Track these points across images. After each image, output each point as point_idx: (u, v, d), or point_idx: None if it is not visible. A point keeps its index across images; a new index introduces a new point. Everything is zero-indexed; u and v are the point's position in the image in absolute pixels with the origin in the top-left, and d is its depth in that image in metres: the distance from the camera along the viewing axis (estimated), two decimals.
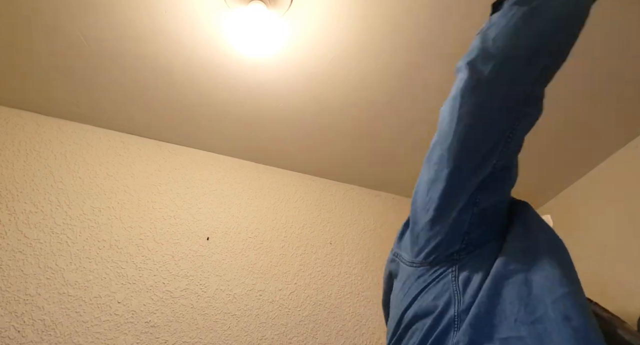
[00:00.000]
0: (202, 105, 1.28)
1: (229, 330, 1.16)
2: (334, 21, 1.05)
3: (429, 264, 0.64)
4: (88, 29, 1.07)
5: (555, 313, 0.51)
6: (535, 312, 0.52)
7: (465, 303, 0.56)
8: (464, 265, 0.61)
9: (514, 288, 0.55)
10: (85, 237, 1.15)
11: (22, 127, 1.25)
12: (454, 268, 0.61)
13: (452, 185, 0.61)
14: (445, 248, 0.63)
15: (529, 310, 0.53)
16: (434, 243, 0.63)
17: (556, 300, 0.52)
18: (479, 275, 0.59)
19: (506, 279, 0.56)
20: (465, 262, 0.62)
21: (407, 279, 0.67)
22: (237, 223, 1.36)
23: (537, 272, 0.56)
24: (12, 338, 0.97)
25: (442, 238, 0.63)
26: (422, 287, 0.63)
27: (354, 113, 1.31)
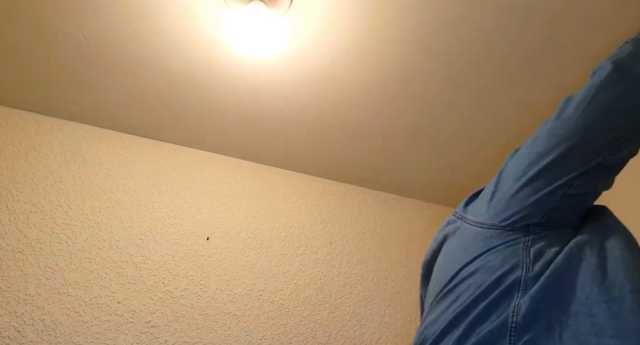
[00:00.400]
0: (202, 105, 1.28)
1: (229, 330, 1.16)
2: (334, 21, 1.05)
3: (502, 228, 0.64)
4: (88, 29, 1.07)
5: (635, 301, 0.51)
6: (611, 293, 0.53)
7: (534, 271, 0.57)
8: (537, 239, 0.62)
9: (587, 269, 0.56)
10: (85, 237, 1.15)
11: (22, 127, 1.25)
12: (527, 239, 0.62)
13: (557, 166, 0.62)
14: (525, 216, 0.63)
15: (603, 290, 0.53)
16: (516, 208, 0.64)
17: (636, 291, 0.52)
18: (550, 253, 0.59)
19: (581, 260, 0.57)
20: (539, 237, 0.62)
21: (472, 239, 0.66)
22: (237, 223, 1.36)
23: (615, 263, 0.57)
24: (12, 338, 0.97)
25: (525, 205, 0.63)
26: (488, 247, 0.63)
27: (354, 113, 1.31)
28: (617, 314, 0.51)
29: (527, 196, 0.63)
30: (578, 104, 0.63)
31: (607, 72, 0.61)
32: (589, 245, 0.60)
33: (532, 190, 0.63)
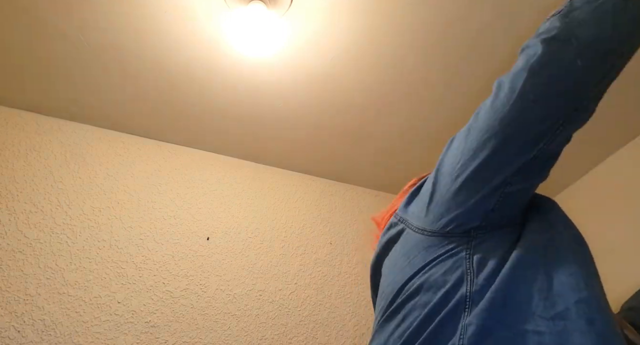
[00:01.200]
0: (202, 105, 1.28)
1: (229, 330, 1.16)
2: (334, 21, 1.05)
3: (443, 235, 0.61)
4: (88, 30, 1.07)
5: (579, 315, 0.49)
6: (556, 308, 0.51)
7: (479, 285, 0.54)
8: (479, 245, 0.59)
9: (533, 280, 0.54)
10: (85, 237, 1.15)
11: (22, 127, 1.25)
12: (469, 245, 0.59)
13: (493, 161, 0.58)
14: (465, 221, 0.60)
15: (548, 304, 0.51)
16: (455, 213, 0.61)
17: (580, 301, 0.51)
18: (494, 259, 0.57)
19: (526, 269, 0.54)
20: (481, 241, 0.59)
21: (414, 246, 0.63)
22: (237, 223, 1.36)
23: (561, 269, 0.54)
24: (12, 338, 0.97)
25: (464, 210, 0.60)
26: (431, 258, 0.60)
27: (354, 113, 1.31)
28: (561, 333, 0.49)
29: (465, 200, 0.60)
30: (509, 92, 0.57)
31: (538, 55, 0.56)
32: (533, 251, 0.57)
33: (469, 192, 0.60)
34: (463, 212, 0.60)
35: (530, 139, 0.58)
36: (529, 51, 0.58)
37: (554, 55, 0.56)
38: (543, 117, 0.57)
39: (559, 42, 0.56)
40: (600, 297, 0.52)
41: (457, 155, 0.61)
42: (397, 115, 1.31)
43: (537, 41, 0.57)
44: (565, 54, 0.55)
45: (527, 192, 0.63)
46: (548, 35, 0.57)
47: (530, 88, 0.56)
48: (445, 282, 0.56)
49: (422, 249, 0.62)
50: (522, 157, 0.59)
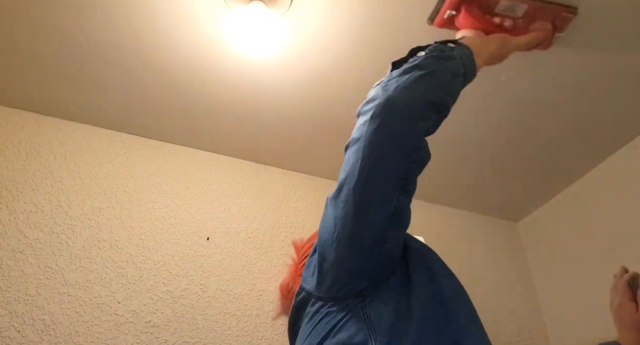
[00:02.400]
0: (202, 105, 1.29)
1: (229, 330, 1.16)
2: (334, 21, 1.05)
3: (338, 299, 0.65)
4: (89, 29, 1.07)
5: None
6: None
7: (384, 340, 0.57)
8: (372, 301, 0.62)
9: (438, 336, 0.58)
10: (86, 237, 1.15)
11: (23, 127, 1.25)
12: (364, 304, 0.63)
13: (360, 224, 0.62)
14: (355, 284, 0.64)
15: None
16: (343, 280, 0.64)
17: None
18: (389, 312, 0.60)
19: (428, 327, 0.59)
20: (373, 297, 0.63)
21: (316, 313, 0.67)
22: (237, 223, 1.36)
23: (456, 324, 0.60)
24: (12, 338, 0.97)
25: (350, 275, 0.64)
26: (332, 324, 0.63)
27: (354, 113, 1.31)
28: None
29: (350, 264, 0.64)
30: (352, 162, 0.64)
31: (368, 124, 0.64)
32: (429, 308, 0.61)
33: (351, 257, 0.63)
34: (351, 276, 0.64)
35: (383, 199, 0.63)
36: (361, 119, 0.68)
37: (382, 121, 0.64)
38: (387, 178, 0.63)
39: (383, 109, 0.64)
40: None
41: (331, 224, 0.66)
42: None
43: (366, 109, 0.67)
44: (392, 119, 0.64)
45: (400, 241, 0.69)
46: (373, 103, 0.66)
47: (368, 155, 0.62)
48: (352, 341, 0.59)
49: (323, 315, 0.65)
50: (384, 214, 0.63)
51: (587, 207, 1.51)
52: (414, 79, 0.67)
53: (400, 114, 0.64)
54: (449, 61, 0.74)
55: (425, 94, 0.67)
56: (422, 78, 0.68)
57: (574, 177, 1.55)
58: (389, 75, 0.71)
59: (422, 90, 0.67)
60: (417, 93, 0.66)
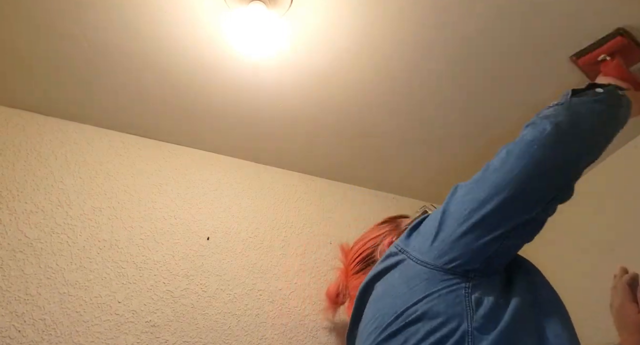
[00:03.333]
0: (202, 105, 1.29)
1: (229, 330, 1.16)
2: (335, 21, 1.06)
3: (444, 270, 0.67)
4: (89, 29, 1.07)
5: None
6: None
7: (478, 322, 0.61)
8: (476, 285, 0.65)
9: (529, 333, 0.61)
10: (86, 237, 1.15)
11: (23, 128, 1.25)
12: (467, 285, 0.66)
13: (497, 214, 0.66)
14: (466, 262, 0.67)
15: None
16: (456, 254, 0.67)
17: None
18: (488, 301, 0.63)
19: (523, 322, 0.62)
20: (478, 282, 0.66)
21: (415, 276, 0.69)
22: (237, 223, 1.36)
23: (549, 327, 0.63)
24: (13, 338, 0.97)
25: (465, 253, 0.67)
26: (432, 289, 0.66)
27: (354, 113, 1.31)
28: None
29: (469, 243, 0.66)
30: (517, 159, 0.67)
31: (547, 133, 0.67)
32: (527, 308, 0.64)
33: (474, 237, 0.66)
34: (466, 253, 0.67)
35: (533, 203, 0.67)
36: (538, 127, 0.68)
37: (561, 136, 0.67)
38: (543, 187, 0.67)
39: (566, 127, 0.68)
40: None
41: (465, 203, 0.69)
42: (397, 115, 1.32)
43: (546, 121, 0.68)
44: (570, 138, 0.68)
45: (518, 247, 0.72)
46: (556, 119, 0.68)
47: (538, 159, 0.66)
48: (447, 314, 0.62)
49: (424, 279, 0.68)
50: (523, 216, 0.67)
51: (587, 207, 1.51)
52: (598, 113, 0.72)
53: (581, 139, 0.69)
54: (620, 108, 0.79)
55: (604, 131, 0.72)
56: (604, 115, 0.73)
57: None
58: (568, 100, 0.73)
59: (603, 126, 0.72)
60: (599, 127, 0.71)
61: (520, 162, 0.66)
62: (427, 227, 0.74)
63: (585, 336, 1.35)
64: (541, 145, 0.66)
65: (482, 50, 1.12)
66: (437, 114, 1.30)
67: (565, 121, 0.68)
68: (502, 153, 0.71)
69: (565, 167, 0.68)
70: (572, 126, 0.68)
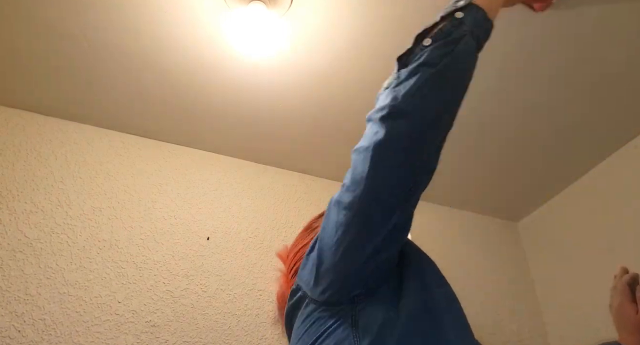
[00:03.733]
0: (202, 105, 1.29)
1: (229, 330, 1.16)
2: (334, 21, 1.06)
3: (331, 304, 0.66)
4: (89, 29, 1.07)
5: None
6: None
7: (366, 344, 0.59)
8: (362, 309, 0.63)
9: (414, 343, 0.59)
10: (86, 237, 1.15)
11: (23, 128, 1.25)
12: (354, 312, 0.64)
13: (362, 233, 0.63)
14: (348, 291, 0.65)
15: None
16: (338, 285, 0.65)
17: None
18: (376, 321, 0.61)
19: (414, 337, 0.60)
20: (364, 305, 0.64)
21: (309, 315, 0.68)
22: (237, 223, 1.36)
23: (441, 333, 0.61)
24: (13, 338, 0.97)
25: (345, 281, 0.65)
26: (322, 329, 0.64)
27: (354, 113, 1.31)
28: None
29: (346, 270, 0.64)
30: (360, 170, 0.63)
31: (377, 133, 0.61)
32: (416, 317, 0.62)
33: (348, 263, 0.64)
34: (345, 282, 0.65)
35: (388, 211, 0.63)
36: (371, 128, 0.64)
37: (393, 132, 0.61)
38: (393, 189, 0.62)
39: (393, 119, 0.61)
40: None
41: (333, 229, 0.66)
42: None
43: (376, 117, 0.63)
44: (403, 128, 0.61)
45: (396, 252, 0.69)
46: (382, 112, 0.62)
47: (378, 166, 0.61)
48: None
49: (315, 319, 0.66)
50: (385, 227, 0.63)
51: (587, 207, 1.51)
52: (423, 82, 0.62)
53: (410, 127, 0.61)
54: (459, 43, 0.65)
55: (436, 100, 0.62)
56: (433, 80, 0.62)
57: (574, 177, 1.55)
58: (396, 76, 0.65)
59: (433, 97, 0.62)
60: (427, 102, 0.62)
61: (363, 175, 0.61)
62: (312, 256, 0.72)
63: (585, 335, 1.35)
64: (376, 151, 0.61)
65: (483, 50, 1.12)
66: None
67: (392, 112, 0.61)
68: (352, 162, 0.67)
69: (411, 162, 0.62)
70: (400, 116, 0.61)
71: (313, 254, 0.71)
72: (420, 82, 0.62)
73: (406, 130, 0.61)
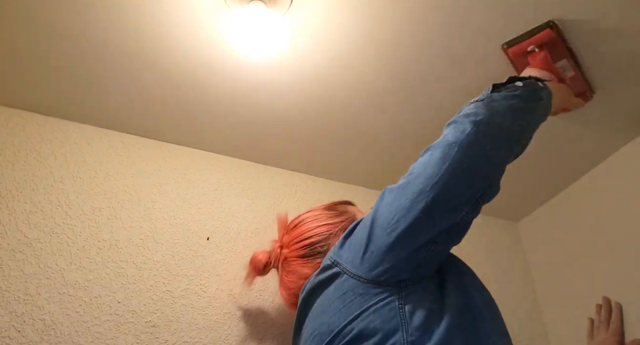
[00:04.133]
0: (202, 105, 1.29)
1: (229, 330, 1.16)
2: (335, 21, 1.06)
3: (377, 283, 0.67)
4: (89, 29, 1.07)
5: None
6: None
7: (414, 335, 0.61)
8: (409, 295, 0.66)
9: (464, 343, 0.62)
10: (86, 237, 1.15)
11: (23, 128, 1.25)
12: (400, 295, 0.66)
13: (423, 221, 0.65)
14: (396, 273, 0.67)
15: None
16: (387, 265, 0.67)
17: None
18: (423, 310, 0.64)
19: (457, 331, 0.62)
20: (410, 291, 0.66)
21: (349, 291, 0.69)
22: (237, 223, 1.36)
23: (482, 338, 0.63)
24: (13, 338, 0.97)
25: (395, 263, 0.67)
26: (367, 305, 0.66)
27: (354, 113, 1.31)
28: None
29: (398, 253, 0.66)
30: (440, 162, 0.66)
31: (467, 133, 0.66)
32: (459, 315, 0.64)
33: (402, 247, 0.66)
34: (396, 264, 0.67)
35: (456, 207, 0.66)
36: (458, 127, 0.68)
37: (481, 135, 0.66)
38: (467, 188, 0.66)
39: (485, 125, 0.67)
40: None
41: (392, 211, 0.68)
42: (398, 115, 1.32)
43: (466, 120, 0.68)
44: (490, 136, 0.67)
45: (447, 251, 0.73)
46: (476, 118, 0.67)
47: (460, 161, 0.65)
48: (384, 330, 0.62)
49: (358, 294, 0.68)
50: (449, 221, 0.67)
51: (587, 207, 1.51)
52: (517, 108, 0.71)
53: (501, 136, 0.69)
54: (540, 101, 0.78)
55: (521, 125, 0.72)
56: (523, 110, 0.72)
57: (574, 177, 1.55)
58: (489, 96, 0.72)
59: (520, 121, 0.71)
60: (518, 122, 0.70)
61: (442, 166, 0.65)
62: (357, 237, 0.73)
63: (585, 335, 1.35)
64: (462, 147, 0.65)
65: (482, 51, 1.12)
66: (437, 114, 1.30)
67: (485, 120, 0.67)
68: (426, 156, 0.71)
69: (488, 168, 0.68)
70: (491, 125, 0.68)
71: (358, 235, 0.73)
72: (514, 106, 0.70)
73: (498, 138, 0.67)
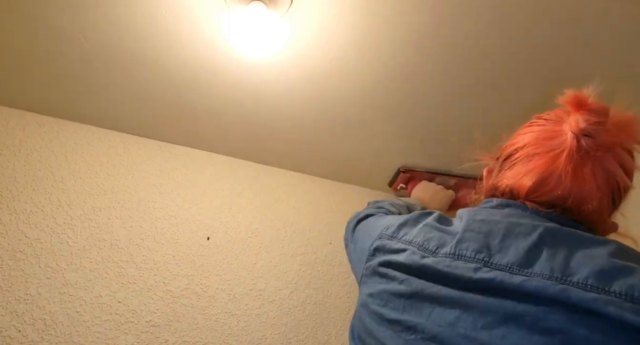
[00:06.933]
0: (202, 106, 1.29)
1: (229, 330, 1.16)
2: (335, 21, 1.05)
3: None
4: (89, 29, 1.07)
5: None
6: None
7: None
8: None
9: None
10: (86, 237, 1.15)
11: (23, 128, 1.25)
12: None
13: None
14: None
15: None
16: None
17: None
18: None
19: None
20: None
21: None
22: (237, 223, 1.36)
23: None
24: (13, 337, 0.97)
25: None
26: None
27: (354, 113, 1.31)
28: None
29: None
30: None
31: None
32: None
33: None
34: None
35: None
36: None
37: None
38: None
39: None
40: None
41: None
42: (397, 115, 1.32)
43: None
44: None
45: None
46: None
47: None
48: None
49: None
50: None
51: None
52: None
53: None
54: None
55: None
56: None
57: None
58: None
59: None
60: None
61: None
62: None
63: None
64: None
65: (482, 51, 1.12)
66: (437, 114, 1.30)
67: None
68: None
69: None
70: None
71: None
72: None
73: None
